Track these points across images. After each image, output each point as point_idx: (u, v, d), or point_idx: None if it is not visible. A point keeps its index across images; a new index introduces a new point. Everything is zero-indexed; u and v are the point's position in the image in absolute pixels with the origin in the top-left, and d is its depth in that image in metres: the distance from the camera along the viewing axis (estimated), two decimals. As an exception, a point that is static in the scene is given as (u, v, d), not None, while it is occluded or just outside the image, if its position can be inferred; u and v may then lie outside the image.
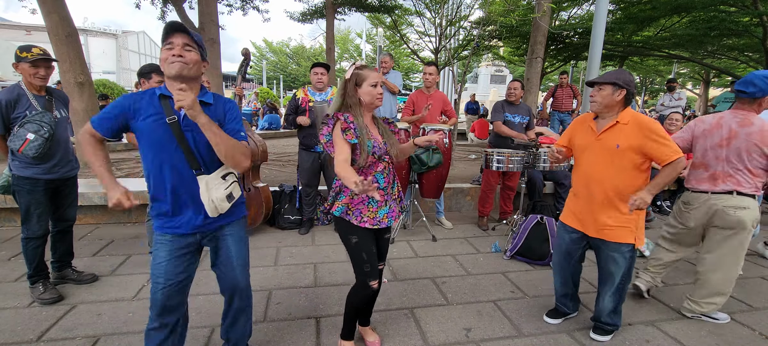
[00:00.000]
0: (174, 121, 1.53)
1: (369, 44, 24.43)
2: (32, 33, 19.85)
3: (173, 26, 1.51)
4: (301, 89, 3.87)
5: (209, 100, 1.64)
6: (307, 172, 3.85)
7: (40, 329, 2.24)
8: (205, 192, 1.59)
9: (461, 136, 11.93)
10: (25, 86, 2.39)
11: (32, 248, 2.54)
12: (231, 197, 1.66)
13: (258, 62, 34.02)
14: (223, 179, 1.64)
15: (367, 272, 1.87)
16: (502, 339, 2.28)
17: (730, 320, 2.54)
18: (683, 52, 11.38)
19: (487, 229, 4.25)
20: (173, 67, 1.49)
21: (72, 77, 5.11)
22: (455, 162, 7.01)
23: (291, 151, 7.96)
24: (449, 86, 19.82)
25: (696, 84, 22.35)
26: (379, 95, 1.81)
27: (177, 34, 1.51)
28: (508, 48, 14.34)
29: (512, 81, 4.28)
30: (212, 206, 1.61)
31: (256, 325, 2.34)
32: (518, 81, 4.29)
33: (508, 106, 4.25)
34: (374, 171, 1.83)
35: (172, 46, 1.50)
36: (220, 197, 1.61)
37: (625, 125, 2.03)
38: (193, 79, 1.57)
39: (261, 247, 3.57)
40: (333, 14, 10.12)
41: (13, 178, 2.44)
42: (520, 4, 9.62)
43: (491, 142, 4.41)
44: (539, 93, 8.69)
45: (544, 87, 18.47)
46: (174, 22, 1.52)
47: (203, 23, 5.95)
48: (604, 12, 4.54)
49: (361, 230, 1.83)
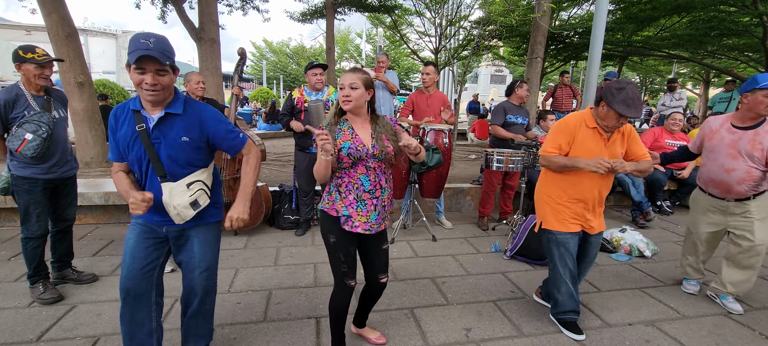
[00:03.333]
0: (142, 129, 1.60)
1: (369, 44, 24.44)
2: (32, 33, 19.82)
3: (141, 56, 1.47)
4: (297, 89, 3.86)
5: (177, 110, 1.63)
6: (304, 173, 3.84)
7: (40, 329, 2.24)
8: (168, 199, 1.65)
9: (461, 136, 11.92)
10: (23, 86, 2.39)
11: (32, 248, 2.54)
12: (196, 205, 1.70)
13: (258, 62, 34.02)
14: (187, 187, 1.68)
15: (344, 273, 1.88)
16: (502, 339, 2.28)
17: (730, 319, 2.54)
18: (683, 52, 11.38)
19: (487, 229, 4.25)
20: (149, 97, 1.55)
21: (72, 77, 5.11)
22: (455, 162, 7.01)
23: (291, 152, 7.95)
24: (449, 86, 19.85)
25: (696, 84, 22.35)
26: (343, 97, 1.77)
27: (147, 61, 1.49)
28: (508, 48, 14.35)
29: (524, 83, 4.25)
30: (175, 213, 1.67)
31: (256, 325, 2.34)
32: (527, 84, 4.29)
33: (512, 108, 4.25)
34: (357, 174, 1.79)
35: (144, 72, 1.51)
36: (183, 204, 1.66)
37: (620, 133, 2.23)
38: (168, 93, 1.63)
39: (261, 247, 3.57)
40: (333, 14, 10.13)
41: (12, 178, 2.44)
42: (520, 4, 9.61)
43: (492, 142, 4.41)
44: (539, 93, 8.68)
45: (544, 87, 18.46)
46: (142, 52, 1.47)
47: (203, 23, 5.94)
48: (604, 12, 4.53)
49: (342, 231, 1.82)
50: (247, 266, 3.17)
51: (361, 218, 1.80)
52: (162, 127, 1.61)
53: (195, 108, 1.69)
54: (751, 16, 8.33)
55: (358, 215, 1.80)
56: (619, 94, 2.02)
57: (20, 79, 2.41)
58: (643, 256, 3.56)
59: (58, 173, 2.54)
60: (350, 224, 1.80)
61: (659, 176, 4.90)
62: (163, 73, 1.54)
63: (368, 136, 1.82)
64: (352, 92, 1.77)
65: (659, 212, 5.08)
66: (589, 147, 2.19)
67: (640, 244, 3.60)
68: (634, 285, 3.02)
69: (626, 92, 2.02)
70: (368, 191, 1.80)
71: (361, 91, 1.78)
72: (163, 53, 1.51)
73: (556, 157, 2.24)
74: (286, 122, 3.77)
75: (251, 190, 1.78)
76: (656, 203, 5.09)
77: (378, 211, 1.83)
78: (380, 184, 1.83)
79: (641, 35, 11.03)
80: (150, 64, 1.50)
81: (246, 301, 2.62)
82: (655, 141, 5.05)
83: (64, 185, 2.66)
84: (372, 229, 1.83)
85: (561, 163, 2.21)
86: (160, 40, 1.52)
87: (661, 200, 5.11)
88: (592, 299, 2.77)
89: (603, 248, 3.66)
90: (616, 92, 2.03)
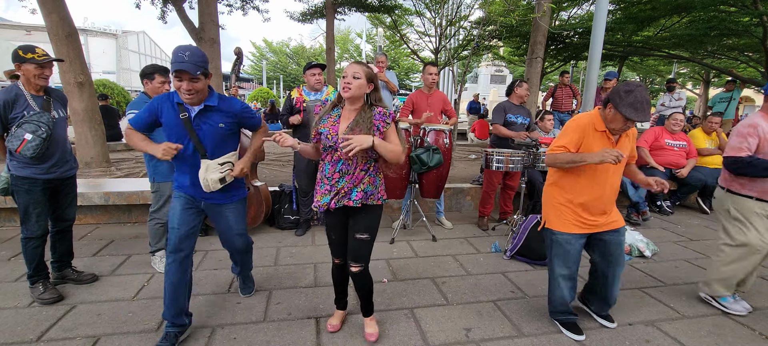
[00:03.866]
0: (186, 117, 2.00)
1: (369, 44, 24.44)
2: (32, 33, 19.84)
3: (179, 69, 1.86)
4: (296, 89, 3.86)
5: (213, 103, 2.05)
6: (303, 172, 3.84)
7: (40, 329, 2.24)
8: (204, 173, 2.07)
9: (461, 136, 11.93)
10: (23, 86, 2.39)
11: (31, 248, 2.53)
12: (223, 181, 2.12)
13: (258, 62, 34.02)
14: (220, 166, 2.11)
15: (332, 250, 2.17)
16: (502, 339, 2.28)
17: (730, 319, 2.54)
18: (683, 52, 11.37)
19: (487, 229, 4.25)
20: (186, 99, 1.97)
21: (72, 77, 5.10)
22: (455, 162, 7.01)
23: (291, 152, 7.95)
24: (449, 86, 19.83)
25: (696, 84, 22.35)
26: (344, 84, 1.89)
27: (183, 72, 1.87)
28: (508, 48, 14.34)
29: (523, 82, 4.24)
30: (205, 183, 2.08)
31: (256, 325, 2.34)
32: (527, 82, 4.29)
33: (512, 108, 4.24)
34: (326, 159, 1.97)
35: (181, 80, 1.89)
36: (214, 179, 2.08)
37: (625, 136, 2.22)
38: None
39: (261, 247, 3.57)
40: (333, 14, 10.13)
41: (12, 178, 2.44)
42: (520, 4, 9.61)
43: (492, 142, 4.41)
44: (539, 93, 8.68)
45: (544, 87, 18.47)
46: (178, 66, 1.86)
47: (203, 23, 5.94)
48: (604, 12, 4.53)
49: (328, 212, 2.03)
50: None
51: (318, 197, 2.00)
52: (202, 116, 2.04)
53: (227, 102, 2.14)
54: (751, 16, 8.32)
55: (317, 195, 2.00)
56: (627, 97, 1.97)
57: (20, 79, 2.41)
58: (643, 256, 3.56)
59: (57, 173, 2.54)
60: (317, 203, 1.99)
61: (659, 176, 4.89)
62: (196, 80, 1.91)
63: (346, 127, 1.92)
64: (353, 81, 1.86)
65: (659, 211, 5.08)
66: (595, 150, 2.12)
67: (640, 244, 3.60)
68: (634, 285, 3.02)
69: (635, 95, 1.96)
70: (327, 176, 1.95)
71: (361, 82, 1.88)
72: (196, 65, 1.88)
73: (562, 154, 2.15)
74: (286, 121, 3.77)
75: (256, 149, 2.36)
76: (656, 203, 5.09)
77: (331, 195, 1.95)
78: (342, 171, 1.93)
79: (641, 35, 11.02)
80: (185, 74, 1.87)
81: (246, 301, 2.62)
82: (655, 141, 5.05)
83: (63, 185, 2.66)
84: (321, 208, 1.98)
85: (567, 159, 2.13)
86: (194, 53, 1.90)
87: (661, 200, 5.11)
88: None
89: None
90: (625, 95, 1.98)
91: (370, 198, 1.98)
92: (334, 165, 1.94)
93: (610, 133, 2.14)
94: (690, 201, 5.52)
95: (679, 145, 5.02)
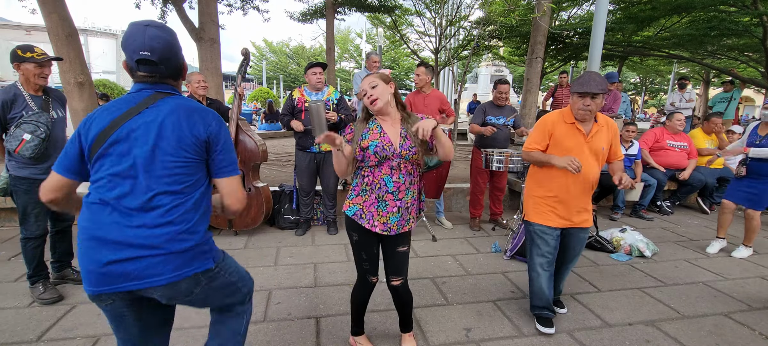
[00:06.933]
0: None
1: (369, 44, 24.44)
2: (32, 33, 19.81)
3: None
4: (298, 89, 3.86)
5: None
6: (304, 172, 3.84)
7: (40, 329, 2.24)
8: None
9: (461, 136, 11.92)
10: (21, 86, 2.38)
11: (31, 248, 2.53)
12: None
13: (258, 62, 34.02)
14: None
15: (366, 269, 1.93)
16: (502, 339, 2.28)
17: (730, 319, 2.54)
18: (683, 52, 11.37)
19: (479, 229, 4.23)
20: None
21: (72, 77, 5.10)
22: (455, 162, 7.01)
23: (291, 151, 7.95)
24: (449, 86, 19.82)
25: (696, 84, 22.35)
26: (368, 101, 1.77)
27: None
28: (508, 48, 14.35)
29: (501, 83, 4.16)
30: None
31: (256, 325, 2.34)
32: (507, 83, 4.22)
33: (492, 109, 4.16)
34: (381, 173, 1.78)
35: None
36: None
37: (601, 126, 2.24)
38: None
39: (261, 247, 3.57)
40: (333, 14, 10.13)
41: (10, 178, 2.44)
42: (520, 4, 9.62)
43: (476, 142, 4.29)
44: (539, 93, 8.68)
45: (544, 87, 18.47)
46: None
47: (203, 23, 5.94)
48: (604, 12, 4.53)
49: (363, 230, 1.82)
50: (247, 266, 3.17)
51: (380, 219, 1.79)
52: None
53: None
54: (751, 16, 8.32)
55: (378, 215, 1.79)
56: (578, 79, 2.19)
57: (18, 79, 2.41)
58: (643, 256, 3.55)
59: (57, 174, 2.54)
60: (370, 222, 1.79)
61: (659, 176, 4.89)
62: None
63: (397, 135, 1.80)
64: (373, 91, 1.77)
65: (659, 212, 5.08)
66: (567, 144, 2.22)
67: (640, 244, 3.60)
68: (634, 285, 3.02)
69: (583, 76, 2.16)
70: (391, 192, 1.78)
71: (382, 87, 1.78)
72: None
73: (535, 153, 2.32)
74: (287, 122, 3.77)
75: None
76: (656, 203, 5.08)
77: (401, 213, 1.81)
78: (405, 185, 1.80)
79: (641, 35, 11.03)
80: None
81: (246, 301, 2.61)
82: (656, 142, 5.05)
83: (63, 185, 2.65)
84: (392, 230, 1.81)
85: (536, 158, 2.31)
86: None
87: (661, 201, 5.11)
88: (592, 299, 2.77)
89: (603, 248, 3.66)
90: (578, 79, 2.19)
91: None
92: (395, 177, 1.78)
93: (579, 125, 2.21)
94: (690, 201, 5.52)
95: (680, 145, 5.01)
